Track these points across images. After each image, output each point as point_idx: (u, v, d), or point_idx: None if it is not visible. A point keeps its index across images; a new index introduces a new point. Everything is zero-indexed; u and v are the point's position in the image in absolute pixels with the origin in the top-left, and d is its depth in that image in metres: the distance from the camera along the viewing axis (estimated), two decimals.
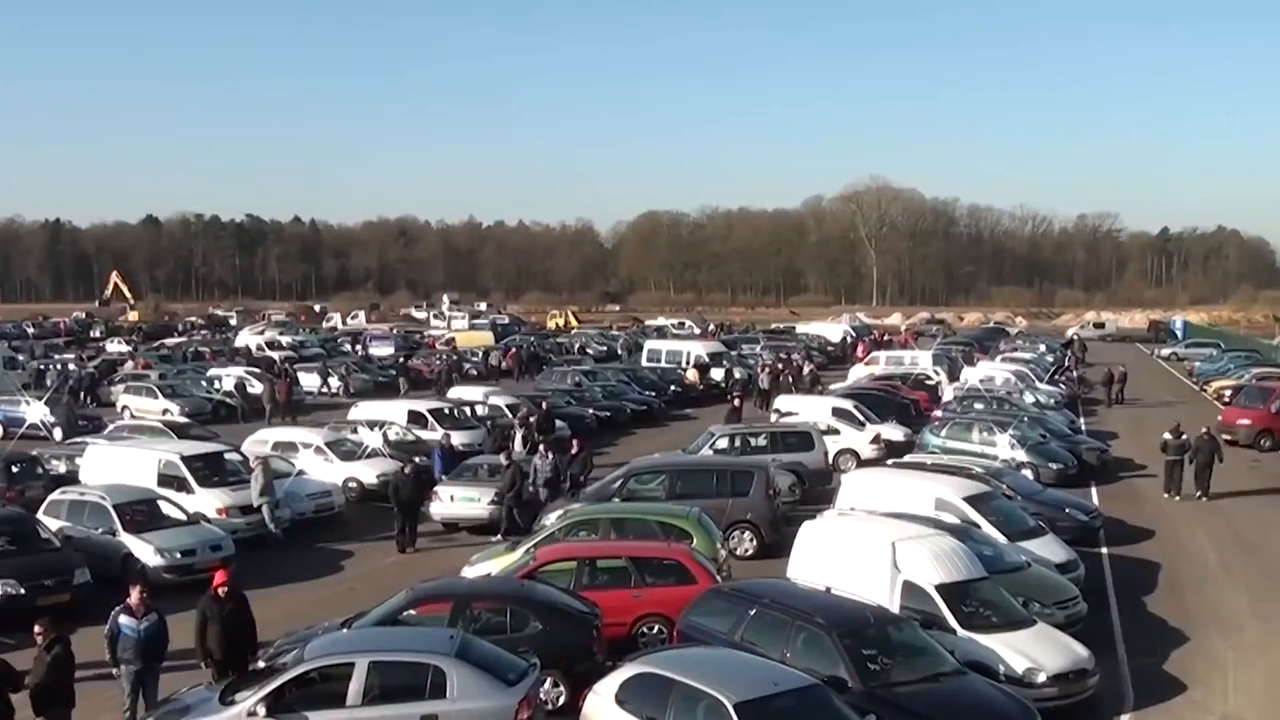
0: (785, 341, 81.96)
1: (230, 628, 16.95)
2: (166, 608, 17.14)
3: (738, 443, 33.67)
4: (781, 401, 42.49)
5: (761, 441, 33.83)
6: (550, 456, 30.30)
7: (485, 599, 17.94)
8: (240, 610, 17.23)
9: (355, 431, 36.67)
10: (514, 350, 74.57)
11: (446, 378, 60.48)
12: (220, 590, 17.18)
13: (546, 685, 16.32)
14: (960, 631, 17.33)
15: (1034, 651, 17.17)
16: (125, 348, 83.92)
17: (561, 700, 16.65)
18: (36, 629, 14.95)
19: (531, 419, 39.54)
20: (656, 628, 19.13)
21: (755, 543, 26.52)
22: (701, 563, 20.10)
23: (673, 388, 56.59)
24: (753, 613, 16.78)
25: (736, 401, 44.77)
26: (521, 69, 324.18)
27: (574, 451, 32.09)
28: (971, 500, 24.12)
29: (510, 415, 41.83)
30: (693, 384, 58.72)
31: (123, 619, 16.16)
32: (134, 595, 16.33)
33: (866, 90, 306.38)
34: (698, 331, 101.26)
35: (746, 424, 38.89)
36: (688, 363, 62.34)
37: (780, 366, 58.78)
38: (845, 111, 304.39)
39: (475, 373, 66.53)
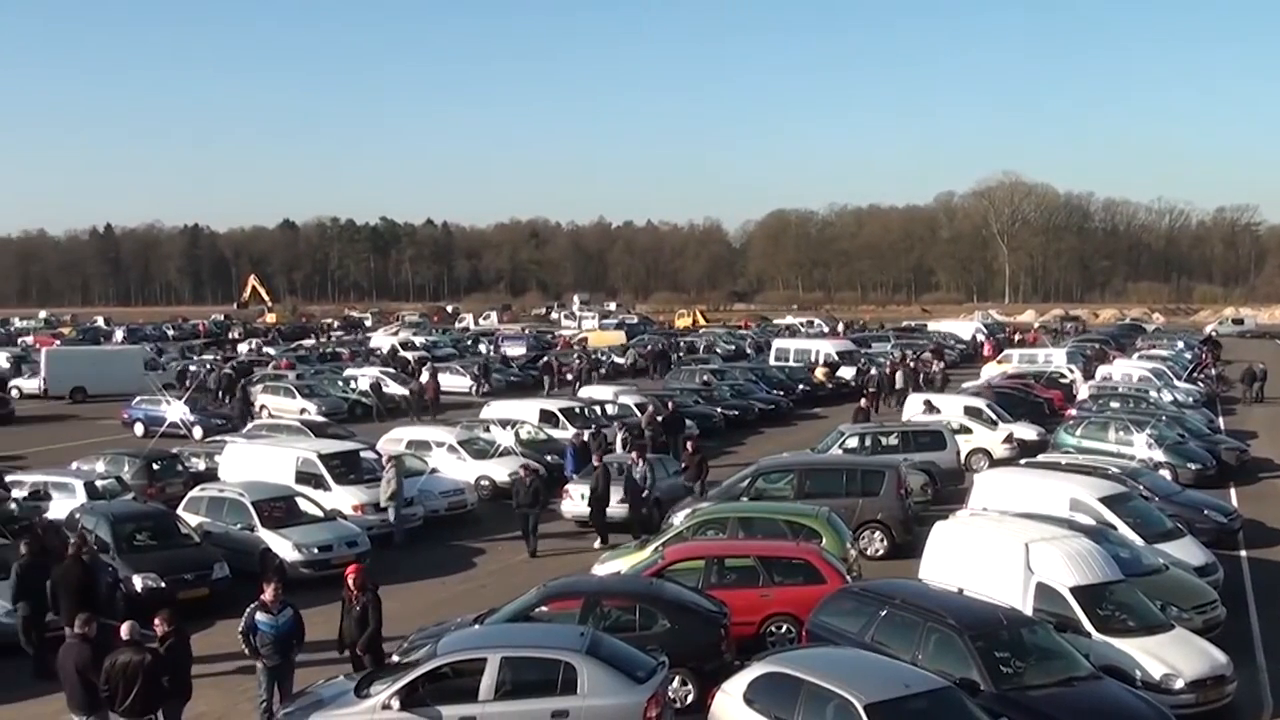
0: (916, 339, 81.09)
1: (362, 621, 17.32)
2: (304, 602, 17.48)
3: (868, 442, 33.37)
4: (912, 400, 42.03)
5: (892, 440, 33.52)
6: (640, 464, 29.55)
7: (615, 597, 18.02)
8: (372, 605, 17.56)
9: (488, 430, 37.06)
10: (649, 348, 74.97)
11: (585, 376, 61.17)
12: (351, 584, 17.58)
13: (675, 683, 16.37)
14: (1095, 635, 17.01)
15: (1171, 656, 16.79)
16: (263, 349, 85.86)
17: (690, 698, 16.69)
18: (156, 621, 15.37)
19: (659, 418, 39.63)
20: (785, 627, 19.07)
21: (886, 543, 26.31)
22: (831, 562, 20.00)
23: (801, 386, 56.34)
24: (883, 613, 16.64)
25: (864, 401, 44.37)
26: (650, 67, 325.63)
27: (689, 453, 31.67)
28: (1107, 501, 23.64)
29: (639, 414, 41.98)
30: (821, 383, 58.40)
31: (259, 614, 16.52)
32: (269, 591, 16.69)
33: (999, 84, 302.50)
34: (826, 330, 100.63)
35: (877, 423, 38.55)
36: (817, 361, 62.03)
37: (910, 365, 58.17)
38: (977, 106, 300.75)
39: (604, 372, 66.79)
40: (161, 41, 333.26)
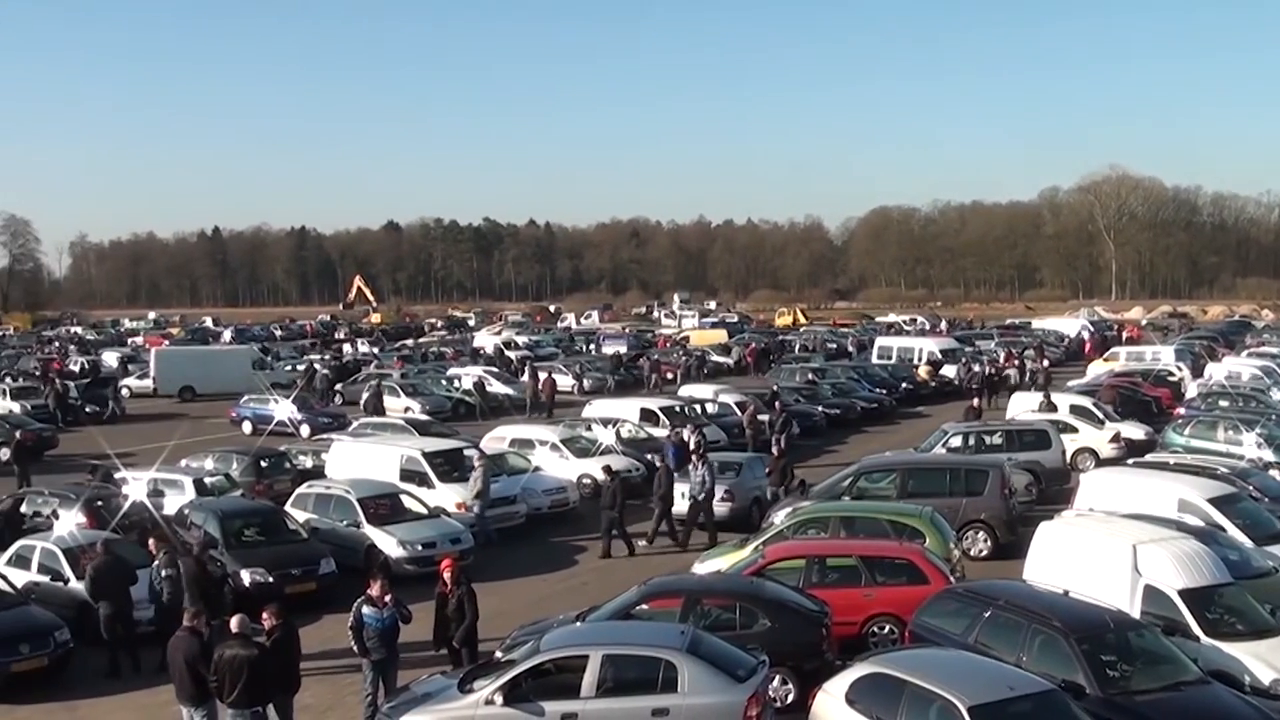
0: (1020, 337, 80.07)
1: (459, 614, 17.51)
2: (407, 598, 17.68)
3: (972, 441, 33.02)
4: (1015, 399, 41.48)
5: (997, 440, 33.10)
6: (700, 469, 29.00)
7: (715, 595, 18.02)
8: (468, 598, 17.74)
9: (589, 429, 37.21)
10: (754, 346, 75.00)
11: (694, 374, 61.14)
12: (446, 580, 17.80)
13: (776, 682, 16.32)
14: (1204, 639, 16.65)
15: None
16: (366, 349, 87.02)
17: (790, 698, 16.63)
18: (264, 615, 15.64)
19: (760, 416, 39.50)
20: (887, 628, 18.95)
21: (990, 543, 26.00)
22: (934, 563, 19.83)
23: (904, 385, 55.89)
24: (987, 614, 16.45)
25: (976, 401, 43.82)
26: (749, 66, 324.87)
27: (775, 456, 31.00)
28: (1216, 502, 23.14)
29: (740, 412, 41.89)
30: (924, 381, 57.90)
31: (366, 609, 16.74)
32: (376, 587, 16.91)
33: (1103, 77, 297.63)
34: (929, 328, 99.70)
35: (982, 421, 38.11)
36: (919, 360, 61.51)
37: (1015, 363, 57.45)
38: (1082, 99, 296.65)
39: (706, 370, 66.71)
40: (268, 45, 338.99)
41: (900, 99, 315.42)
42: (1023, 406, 39.41)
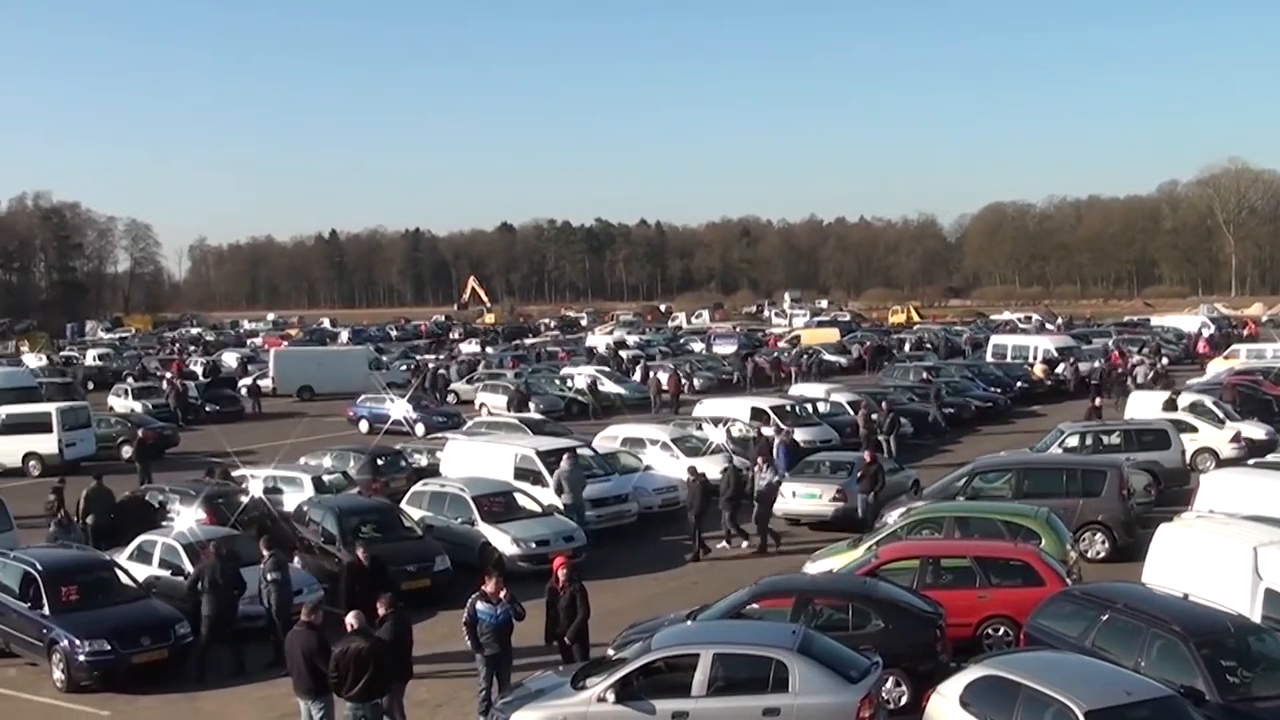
0: (1139, 335, 78.61)
1: (570, 610, 17.67)
2: (520, 595, 17.83)
3: (1089, 440, 32.48)
4: (1134, 398, 40.72)
5: (1114, 439, 32.53)
6: (765, 469, 29.08)
7: (827, 595, 17.93)
8: (580, 595, 17.87)
9: (700, 428, 37.20)
10: (871, 344, 74.64)
11: (809, 373, 61.24)
12: (559, 577, 17.94)
13: (889, 684, 16.21)
14: None
15: None
16: (480, 348, 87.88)
17: (904, 700, 16.51)
18: (378, 604, 15.87)
19: (874, 415, 39.27)
20: (1002, 630, 18.72)
21: (1107, 545, 25.57)
22: (1050, 564, 19.55)
23: (1019, 384, 55.13)
24: (1104, 618, 16.17)
25: (1097, 399, 43.06)
26: (859, 63, 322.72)
27: (866, 462, 29.80)
28: None
29: (851, 412, 41.65)
30: (1040, 380, 57.07)
31: (480, 605, 16.95)
32: (491, 583, 17.10)
33: (1223, 67, 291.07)
34: (1045, 326, 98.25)
35: (1100, 421, 37.47)
36: (1035, 358, 60.64)
37: (1133, 361, 56.45)
38: (1200, 91, 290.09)
39: (819, 369, 66.45)
40: (383, 50, 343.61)
41: (1014, 93, 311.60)
42: (1142, 406, 38.65)
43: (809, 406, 42.46)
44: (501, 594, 17.04)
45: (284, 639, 18.65)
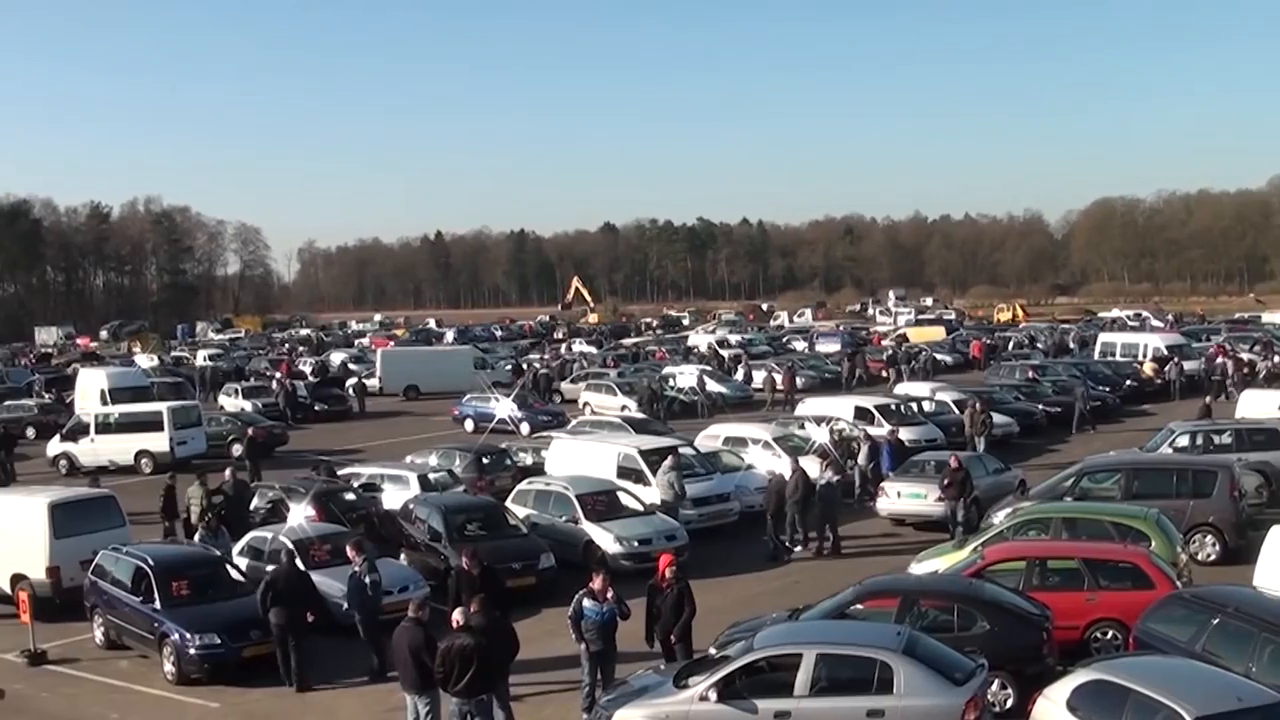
0: (1248, 332, 76.86)
1: (676, 609, 17.70)
2: (622, 593, 17.91)
3: (1199, 440, 31.87)
4: (1246, 397, 39.79)
5: (1225, 439, 31.87)
6: (828, 471, 28.71)
7: (933, 596, 17.79)
8: (685, 593, 17.89)
9: (802, 427, 37.05)
10: (981, 341, 74.02)
11: (925, 372, 61.22)
12: (664, 575, 17.99)
13: (994, 687, 16.05)
14: None
15: None
16: (587, 348, 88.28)
17: (1010, 703, 16.30)
18: (472, 605, 16.05)
19: (977, 408, 38.85)
20: (1110, 633, 18.43)
21: (1218, 547, 25.05)
22: (1159, 566, 19.23)
23: (1128, 382, 54.18)
24: (1215, 622, 15.85)
25: (1208, 399, 42.20)
26: (965, 54, 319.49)
27: (953, 469, 28.86)
28: None
29: (958, 411, 41.22)
30: (1149, 378, 56.02)
31: (586, 601, 17.12)
32: (598, 581, 17.25)
33: None
34: (1155, 323, 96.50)
35: (1210, 420, 36.72)
36: (1144, 356, 59.57)
37: (1244, 359, 55.29)
38: None
39: (928, 366, 65.87)
40: (488, 51, 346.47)
41: (1123, 85, 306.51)
42: (1254, 405, 37.77)
43: (914, 405, 42.11)
44: (609, 593, 17.17)
45: (372, 640, 19.19)
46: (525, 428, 46.25)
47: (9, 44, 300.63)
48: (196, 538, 25.69)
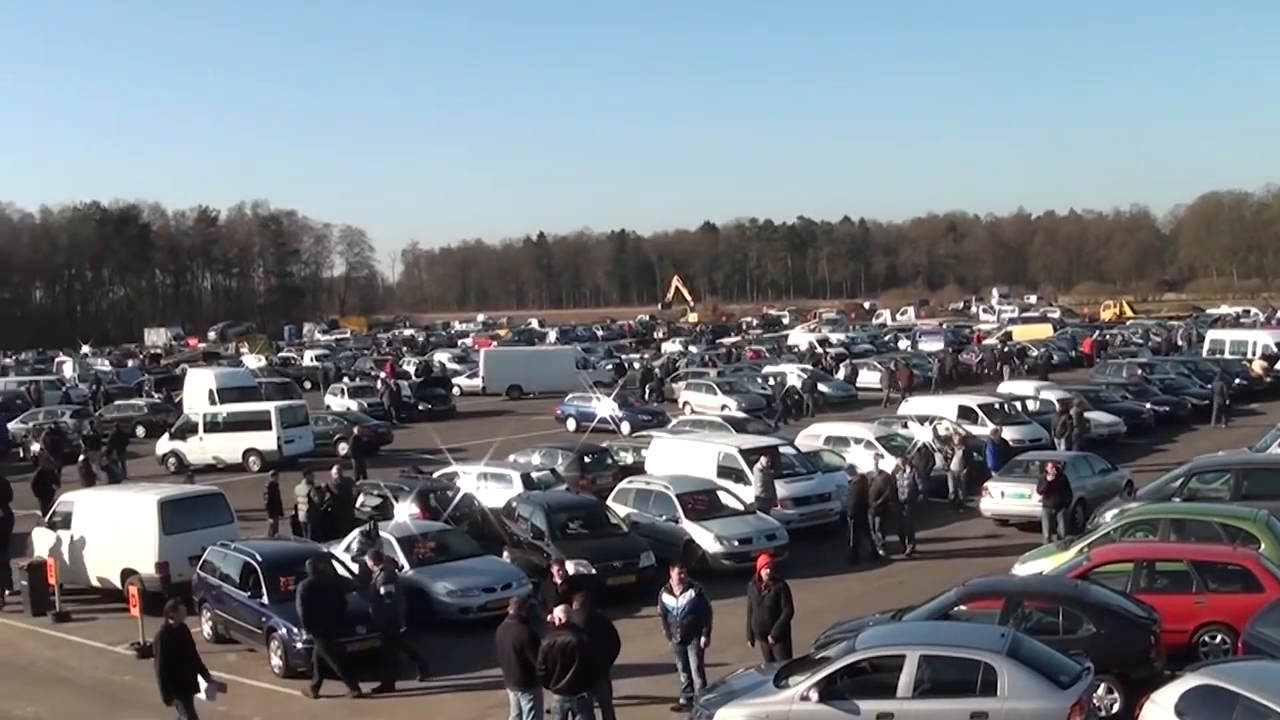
0: None
1: (774, 609, 17.72)
2: (724, 593, 18.00)
3: None
4: None
5: None
6: (908, 470, 28.57)
7: (1037, 598, 17.60)
8: (784, 593, 17.92)
9: (905, 426, 36.81)
10: (1091, 339, 73.16)
11: (1043, 370, 60.58)
12: (762, 575, 18.01)
13: (1100, 690, 15.84)
14: None
15: None
16: (684, 347, 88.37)
17: (1116, 708, 16.07)
18: (574, 602, 16.20)
19: (1087, 414, 38.29)
20: (1219, 637, 18.11)
21: None
22: (1270, 569, 18.84)
23: (1237, 380, 53.04)
24: None
25: None
26: (1066, 51, 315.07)
27: (1051, 478, 27.79)
28: None
29: (1064, 410, 40.69)
30: (1259, 376, 54.87)
31: (665, 597, 17.52)
32: (673, 575, 17.63)
33: None
34: (1264, 320, 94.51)
35: None
36: (1253, 354, 58.34)
37: None
38: None
39: (1027, 366, 65.18)
40: (586, 56, 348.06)
41: (1231, 77, 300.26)
42: None
43: (1018, 404, 41.65)
44: (689, 590, 17.38)
45: (392, 653, 19.61)
46: (626, 427, 46.44)
47: (116, 50, 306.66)
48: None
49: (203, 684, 16.55)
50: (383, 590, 20.01)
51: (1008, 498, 29.58)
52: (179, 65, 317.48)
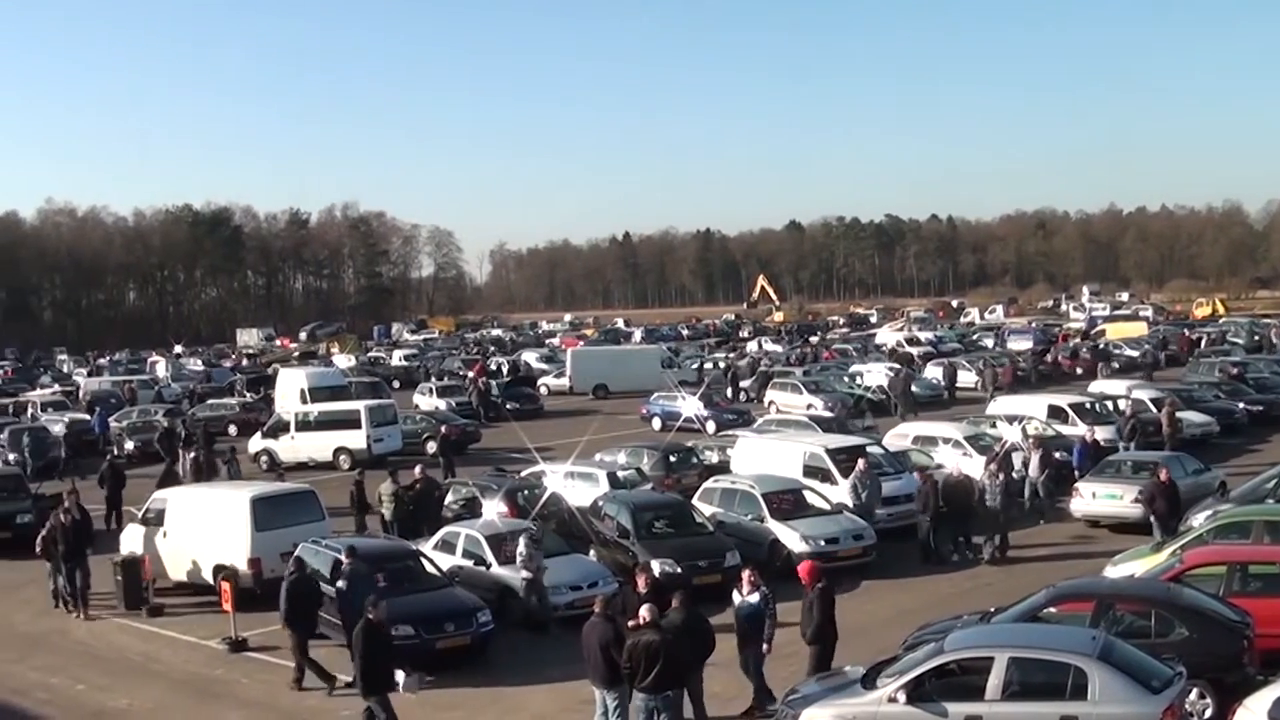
0: None
1: (810, 616, 17.63)
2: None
3: None
4: None
5: None
6: (1001, 476, 27.80)
7: (1129, 600, 17.38)
8: (817, 600, 17.71)
9: (994, 426, 36.49)
10: (1187, 336, 72.18)
11: (1149, 370, 60.18)
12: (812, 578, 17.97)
13: (1192, 696, 15.61)
14: None
15: None
16: (774, 347, 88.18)
17: (1208, 713, 15.82)
18: (674, 600, 16.31)
19: (1179, 414, 37.73)
20: None
21: None
22: None
23: None
24: None
25: None
26: (1159, 41, 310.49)
27: (1161, 484, 26.87)
28: None
29: (1155, 410, 40.12)
30: None
31: (735, 596, 17.75)
32: (744, 575, 17.84)
33: None
34: None
35: None
36: None
37: None
38: None
39: (1117, 365, 64.34)
40: (673, 55, 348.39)
41: None
42: None
43: (1109, 404, 41.10)
44: (761, 588, 17.52)
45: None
46: (711, 426, 46.45)
47: (219, 59, 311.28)
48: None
49: (400, 676, 16.58)
50: (338, 586, 20.58)
51: (1099, 499, 29.23)
52: (278, 72, 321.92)
